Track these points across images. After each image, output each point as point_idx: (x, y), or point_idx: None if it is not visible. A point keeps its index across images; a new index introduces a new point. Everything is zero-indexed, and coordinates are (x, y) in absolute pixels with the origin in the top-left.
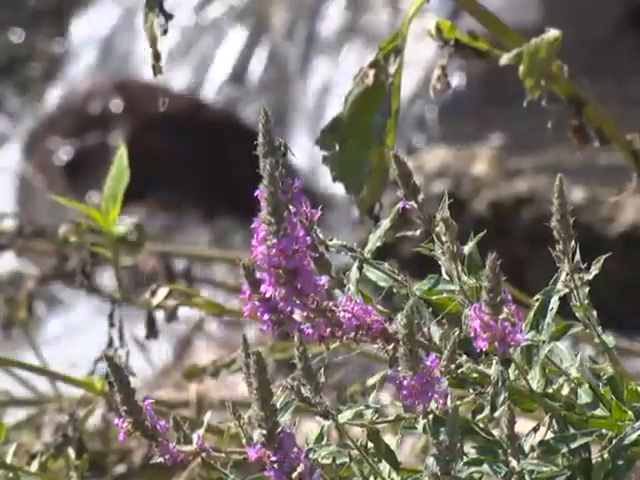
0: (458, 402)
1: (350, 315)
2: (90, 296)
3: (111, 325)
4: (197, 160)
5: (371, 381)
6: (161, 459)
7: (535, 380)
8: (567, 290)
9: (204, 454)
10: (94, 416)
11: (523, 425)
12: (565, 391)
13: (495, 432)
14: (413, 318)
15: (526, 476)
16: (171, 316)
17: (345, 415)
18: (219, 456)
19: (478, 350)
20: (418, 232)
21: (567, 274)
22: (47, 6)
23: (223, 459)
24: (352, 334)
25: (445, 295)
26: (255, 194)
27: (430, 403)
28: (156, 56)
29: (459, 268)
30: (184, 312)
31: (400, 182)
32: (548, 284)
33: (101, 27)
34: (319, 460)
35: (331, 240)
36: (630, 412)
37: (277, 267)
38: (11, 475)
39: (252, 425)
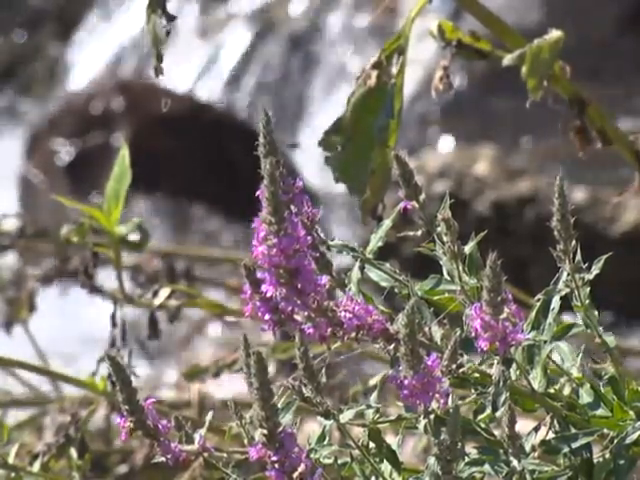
0: (459, 402)
1: (351, 315)
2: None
3: (113, 325)
4: (198, 160)
5: (372, 381)
6: (163, 459)
7: (536, 380)
8: (568, 290)
9: (206, 454)
10: (96, 416)
11: (524, 425)
12: (566, 391)
13: (496, 432)
14: (414, 318)
15: (527, 476)
16: (173, 316)
17: (346, 415)
18: (221, 456)
19: (479, 350)
20: (419, 232)
21: (568, 274)
22: (49, 7)
23: (225, 459)
24: (353, 334)
25: (446, 295)
26: (256, 194)
27: (431, 403)
28: (158, 57)
29: (460, 268)
30: (186, 312)
31: (401, 182)
32: (550, 284)
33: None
34: (320, 460)
35: (332, 240)
36: (631, 412)
37: (278, 267)
38: (13, 475)
39: (253, 425)
